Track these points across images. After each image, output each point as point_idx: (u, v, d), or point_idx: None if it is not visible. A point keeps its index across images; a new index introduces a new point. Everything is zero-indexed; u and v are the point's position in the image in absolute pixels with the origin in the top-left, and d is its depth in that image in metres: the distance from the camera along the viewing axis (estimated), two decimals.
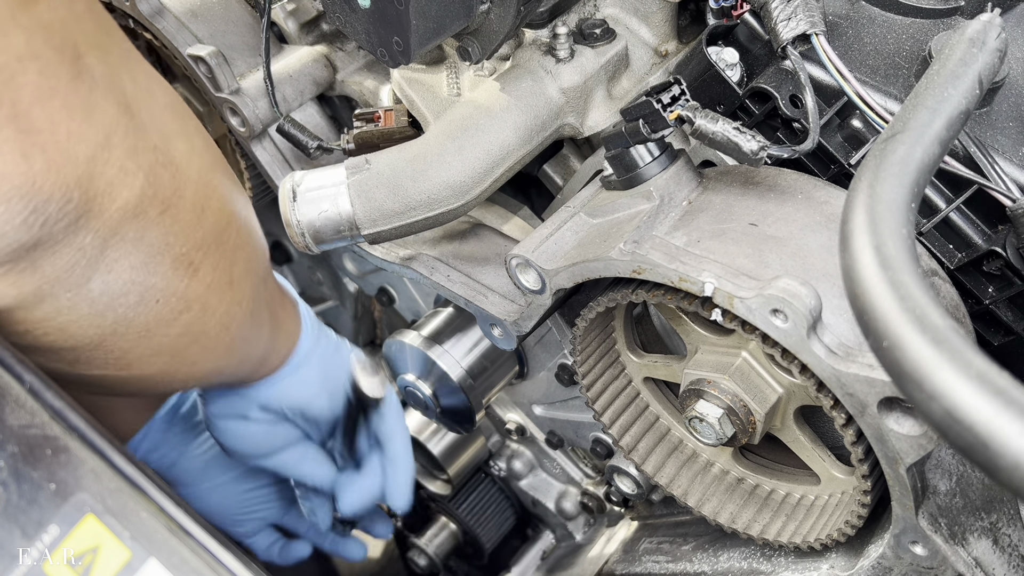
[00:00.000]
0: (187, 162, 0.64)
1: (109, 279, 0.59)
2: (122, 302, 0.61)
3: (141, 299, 0.62)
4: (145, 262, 0.61)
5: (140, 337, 0.65)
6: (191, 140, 0.66)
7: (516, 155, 0.95)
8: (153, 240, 0.61)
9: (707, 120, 0.77)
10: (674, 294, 0.76)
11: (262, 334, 0.81)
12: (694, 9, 1.06)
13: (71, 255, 0.55)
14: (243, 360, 0.80)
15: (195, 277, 0.66)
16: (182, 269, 0.64)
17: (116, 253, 0.58)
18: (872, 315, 0.47)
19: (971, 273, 0.82)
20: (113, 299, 0.60)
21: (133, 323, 0.63)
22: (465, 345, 1.15)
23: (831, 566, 0.86)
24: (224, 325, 0.72)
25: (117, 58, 0.57)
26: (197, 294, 0.67)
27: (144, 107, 0.59)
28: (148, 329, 0.65)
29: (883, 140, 0.62)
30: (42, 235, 0.52)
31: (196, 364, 0.73)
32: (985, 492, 0.78)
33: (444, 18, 0.84)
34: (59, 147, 0.50)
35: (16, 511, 0.47)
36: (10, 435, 0.48)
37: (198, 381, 0.79)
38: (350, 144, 1.04)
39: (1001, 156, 0.78)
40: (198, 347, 0.71)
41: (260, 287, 0.79)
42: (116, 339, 0.64)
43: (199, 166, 0.66)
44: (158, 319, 0.65)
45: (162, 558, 0.48)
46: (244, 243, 0.73)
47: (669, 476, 0.99)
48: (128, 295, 0.61)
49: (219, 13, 1.14)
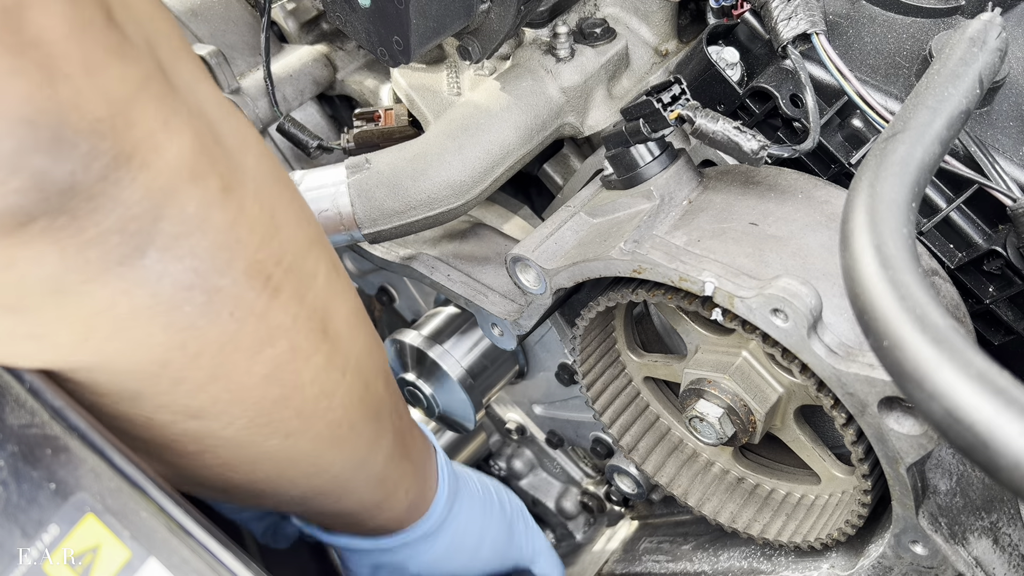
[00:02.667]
0: (240, 146, 0.55)
1: (168, 260, 0.49)
2: (188, 299, 0.51)
3: (210, 301, 0.52)
4: (212, 252, 0.51)
5: (215, 366, 0.54)
6: (240, 126, 0.56)
7: (516, 154, 0.95)
8: (219, 224, 0.51)
9: (707, 119, 0.77)
10: (674, 294, 0.76)
11: (395, 471, 0.73)
12: (694, 8, 1.06)
13: (118, 215, 0.47)
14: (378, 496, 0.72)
15: (275, 299, 0.56)
16: (258, 281, 0.54)
17: (175, 229, 0.49)
18: (872, 314, 0.47)
19: (971, 272, 0.82)
20: (176, 291, 0.50)
21: (205, 338, 0.53)
22: (465, 344, 1.15)
23: (831, 566, 0.86)
24: (327, 399, 0.62)
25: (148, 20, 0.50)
26: (281, 325, 0.56)
27: (179, 73, 0.51)
28: (223, 352, 0.54)
29: (883, 139, 0.62)
30: (74, 174, 0.44)
31: (302, 456, 0.63)
32: (985, 492, 0.78)
33: (444, 17, 0.84)
34: (90, 80, 0.44)
35: (16, 511, 0.47)
36: (10, 435, 0.48)
37: (315, 494, 0.69)
38: (350, 143, 1.04)
39: (1001, 155, 0.78)
40: (297, 420, 0.61)
41: (381, 387, 0.69)
42: (185, 363, 0.53)
43: (258, 155, 0.56)
44: (235, 341, 0.54)
45: (162, 558, 0.48)
46: (344, 298, 0.64)
47: (669, 476, 0.99)
48: (194, 290, 0.51)
49: (219, 12, 1.14)
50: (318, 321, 0.60)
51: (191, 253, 0.50)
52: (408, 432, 0.78)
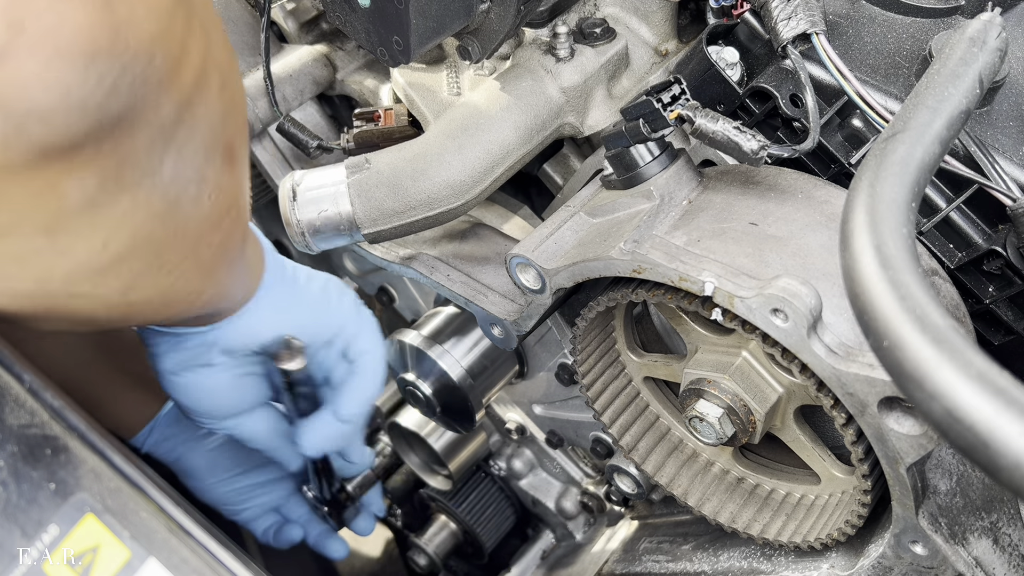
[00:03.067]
0: (215, 31, 0.56)
1: (179, 164, 0.52)
2: (186, 195, 0.54)
3: (199, 194, 0.55)
4: (208, 146, 0.54)
5: (190, 248, 0.58)
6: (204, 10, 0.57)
7: (516, 154, 0.95)
8: (214, 120, 0.54)
9: (707, 119, 0.77)
10: (674, 294, 0.76)
11: (238, 256, 0.73)
12: (694, 8, 1.06)
13: (153, 128, 0.48)
14: (221, 285, 0.71)
15: (234, 168, 0.59)
16: (227, 159, 0.58)
17: (185, 132, 0.51)
18: (872, 314, 0.47)
19: (971, 272, 0.82)
20: (181, 190, 0.53)
21: (188, 228, 0.56)
22: (465, 344, 1.15)
23: (831, 566, 0.86)
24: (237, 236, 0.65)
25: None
26: (235, 191, 0.60)
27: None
28: (198, 236, 0.58)
29: (883, 139, 0.62)
30: (130, 102, 0.45)
31: (203, 282, 0.65)
32: (985, 492, 0.78)
33: (444, 17, 0.84)
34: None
35: (16, 511, 0.47)
36: (10, 435, 0.48)
37: (184, 309, 0.69)
38: (350, 143, 1.04)
39: (1001, 155, 0.78)
40: (223, 262, 0.64)
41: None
42: (172, 248, 0.56)
43: (222, 40, 0.57)
44: (208, 222, 0.58)
45: (162, 558, 0.48)
46: None
47: (669, 476, 0.99)
48: (189, 186, 0.54)
49: (219, 12, 1.14)
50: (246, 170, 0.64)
51: (193, 151, 0.52)
52: (250, 243, 0.75)
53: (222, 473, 0.99)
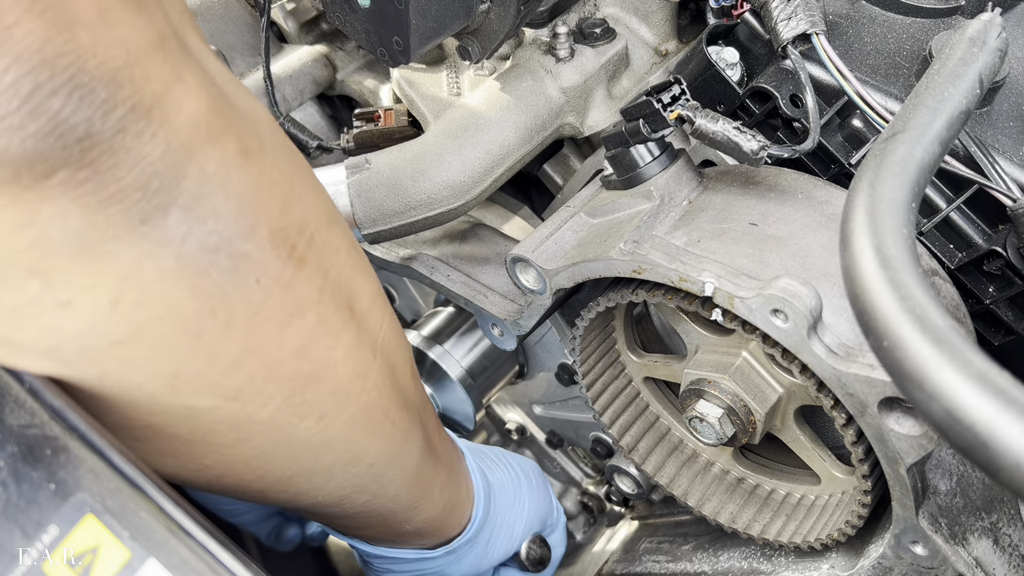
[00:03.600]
0: (253, 114, 0.54)
1: (191, 220, 0.48)
2: (214, 263, 0.50)
3: (236, 267, 0.51)
4: (235, 215, 0.50)
5: (247, 337, 0.53)
6: (251, 97, 0.56)
7: (516, 155, 0.95)
8: (240, 186, 0.51)
9: (707, 120, 0.77)
10: (674, 294, 0.76)
11: (429, 469, 0.73)
12: (694, 8, 1.06)
13: (139, 170, 0.46)
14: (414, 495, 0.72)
15: (301, 270, 0.55)
16: (283, 249, 0.54)
17: (197, 188, 0.48)
18: (872, 315, 0.47)
19: (972, 273, 0.82)
20: (202, 253, 0.49)
21: (234, 305, 0.52)
22: (465, 345, 1.15)
23: (831, 566, 0.86)
24: (360, 380, 0.61)
25: None
26: (308, 296, 0.56)
27: (190, 39, 0.51)
28: (253, 322, 0.53)
29: (883, 140, 0.62)
30: (93, 122, 0.43)
31: (337, 442, 0.62)
32: (985, 492, 0.78)
33: (444, 17, 0.84)
34: (108, 29, 0.43)
35: (16, 511, 0.47)
36: (10, 435, 0.48)
37: (351, 489, 0.68)
38: (350, 143, 1.04)
39: (1002, 156, 0.78)
40: (331, 400, 0.60)
41: (409, 376, 0.69)
42: (217, 334, 0.52)
43: (271, 124, 0.56)
44: (263, 311, 0.53)
45: (162, 558, 0.48)
46: (367, 278, 0.63)
47: (669, 476, 0.99)
48: (219, 253, 0.50)
49: (219, 12, 1.14)
50: (344, 297, 0.60)
51: (214, 214, 0.50)
52: (437, 431, 0.78)
53: None
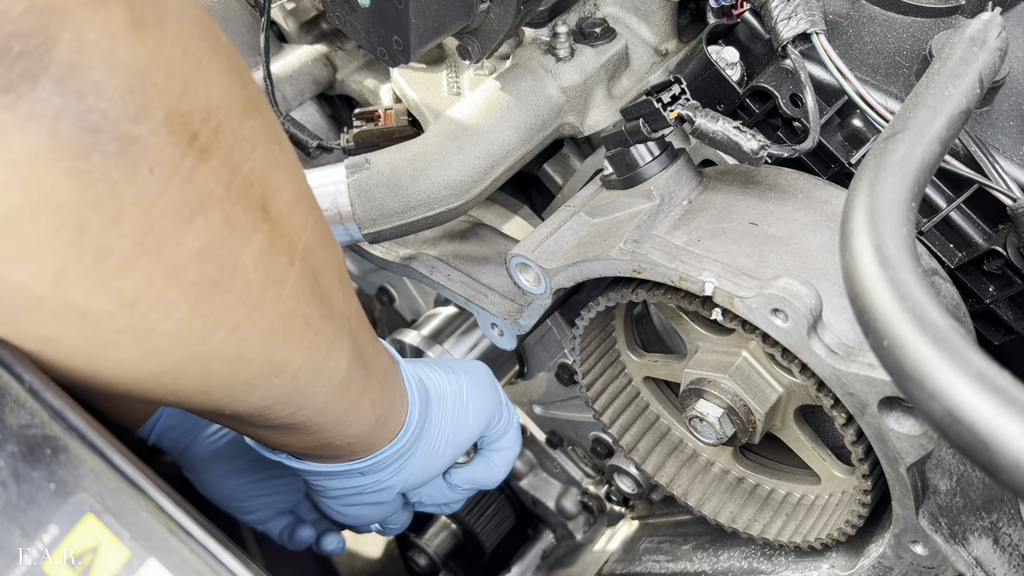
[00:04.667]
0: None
1: (66, 94, 0.44)
2: (96, 144, 0.45)
3: (124, 151, 0.46)
4: (122, 93, 0.45)
5: (141, 233, 0.48)
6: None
7: (516, 154, 0.95)
8: (129, 61, 0.45)
9: (707, 119, 0.77)
10: (674, 293, 0.76)
11: (359, 380, 0.70)
12: (694, 8, 1.06)
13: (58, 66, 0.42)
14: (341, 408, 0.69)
15: (204, 162, 0.50)
16: (182, 136, 0.48)
17: (73, 57, 0.43)
18: (872, 314, 0.47)
19: (972, 272, 0.82)
20: (80, 133, 0.45)
21: (123, 195, 0.47)
22: (465, 344, 1.15)
23: (831, 566, 0.86)
24: (275, 286, 0.57)
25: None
26: (212, 192, 0.51)
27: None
28: (147, 216, 0.48)
29: (883, 139, 0.62)
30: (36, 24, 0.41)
31: (254, 353, 0.58)
32: (985, 492, 0.78)
33: (444, 17, 0.84)
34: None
35: (16, 511, 0.47)
36: (10, 435, 0.48)
37: (274, 400, 0.64)
38: (350, 143, 1.04)
39: (1002, 155, 0.78)
40: (244, 309, 0.55)
41: (336, 285, 0.65)
42: (105, 226, 0.47)
43: (184, 3, 0.50)
44: (159, 205, 0.48)
45: (162, 558, 0.48)
46: (288, 177, 0.58)
47: (669, 476, 0.99)
48: (102, 134, 0.45)
49: (218, 12, 1.14)
50: (257, 196, 0.54)
51: (95, 89, 0.44)
52: (370, 344, 0.74)
53: (227, 463, 0.99)
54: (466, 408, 0.88)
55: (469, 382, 0.89)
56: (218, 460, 0.99)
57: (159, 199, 0.48)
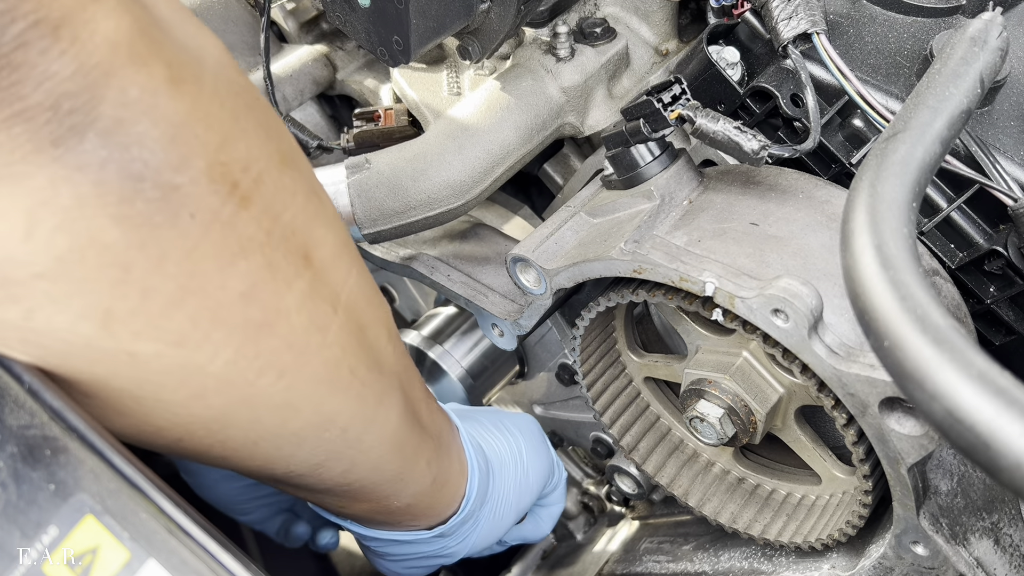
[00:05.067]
0: (194, 44, 0.51)
1: (111, 146, 0.45)
2: (139, 191, 0.47)
3: (166, 198, 0.47)
4: (163, 144, 0.47)
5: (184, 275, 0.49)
6: (197, 28, 0.53)
7: (516, 154, 0.95)
8: (169, 115, 0.47)
9: (708, 119, 0.77)
10: (675, 294, 0.76)
11: (413, 438, 0.70)
12: (695, 8, 1.06)
13: (47, 89, 0.43)
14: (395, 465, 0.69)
15: (244, 209, 0.51)
16: (222, 185, 0.50)
17: (117, 113, 0.45)
18: (873, 315, 0.47)
19: (972, 272, 0.81)
20: (124, 181, 0.46)
21: (165, 238, 0.48)
22: (465, 345, 1.15)
23: (832, 566, 0.86)
24: (319, 333, 0.57)
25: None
26: (253, 237, 0.52)
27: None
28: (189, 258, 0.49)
29: (884, 139, 0.62)
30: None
31: (301, 401, 0.58)
32: (986, 492, 0.78)
33: (444, 17, 0.84)
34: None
35: (15, 511, 0.47)
36: (9, 435, 0.48)
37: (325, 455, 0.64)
38: (350, 143, 1.04)
39: (1003, 155, 0.78)
40: (289, 354, 0.56)
41: (383, 338, 0.65)
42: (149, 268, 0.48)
43: (218, 58, 0.52)
44: (200, 248, 0.49)
45: (161, 559, 0.48)
46: (329, 227, 0.59)
47: (670, 476, 0.99)
48: (145, 182, 0.47)
49: (219, 12, 1.14)
50: (298, 244, 0.55)
51: (138, 142, 0.46)
52: (424, 402, 0.74)
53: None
54: (527, 472, 0.89)
55: (526, 444, 0.90)
56: None
57: (201, 242, 0.50)
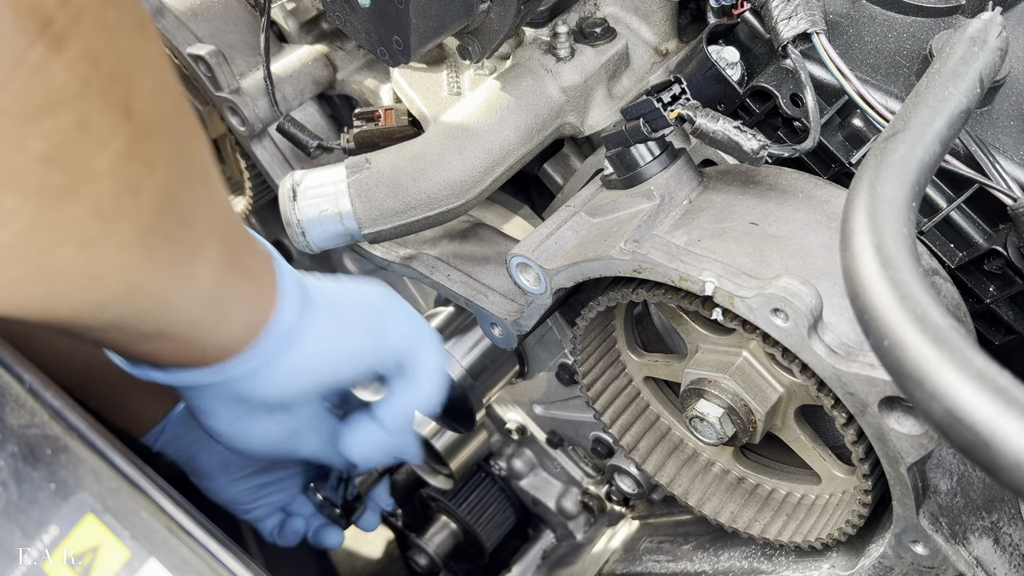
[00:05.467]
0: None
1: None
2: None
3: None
4: None
5: None
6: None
7: (516, 154, 0.95)
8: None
9: (707, 119, 0.77)
10: (675, 293, 0.76)
11: (228, 288, 0.62)
12: (694, 8, 1.06)
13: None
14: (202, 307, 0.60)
15: (58, 53, 0.44)
16: (32, 22, 0.42)
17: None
18: (873, 314, 0.47)
19: (972, 272, 0.82)
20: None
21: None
22: (465, 344, 1.15)
23: (832, 565, 0.86)
24: (132, 197, 0.51)
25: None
26: (66, 89, 0.45)
27: None
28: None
29: (884, 139, 0.62)
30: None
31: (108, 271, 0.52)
32: (986, 491, 0.78)
33: (444, 17, 0.84)
34: None
35: (16, 511, 0.47)
36: (10, 435, 0.48)
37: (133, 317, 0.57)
38: (350, 143, 1.04)
39: (1002, 155, 0.78)
40: (95, 222, 0.49)
41: (199, 185, 0.58)
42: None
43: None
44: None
45: (162, 558, 0.48)
46: (155, 72, 0.51)
47: (670, 475, 0.99)
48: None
49: (219, 12, 1.14)
50: (118, 95, 0.48)
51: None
52: (243, 245, 0.67)
53: (235, 472, 0.99)
54: (357, 308, 0.78)
55: (376, 296, 0.80)
56: (226, 470, 0.98)
57: (0, 92, 0.42)
